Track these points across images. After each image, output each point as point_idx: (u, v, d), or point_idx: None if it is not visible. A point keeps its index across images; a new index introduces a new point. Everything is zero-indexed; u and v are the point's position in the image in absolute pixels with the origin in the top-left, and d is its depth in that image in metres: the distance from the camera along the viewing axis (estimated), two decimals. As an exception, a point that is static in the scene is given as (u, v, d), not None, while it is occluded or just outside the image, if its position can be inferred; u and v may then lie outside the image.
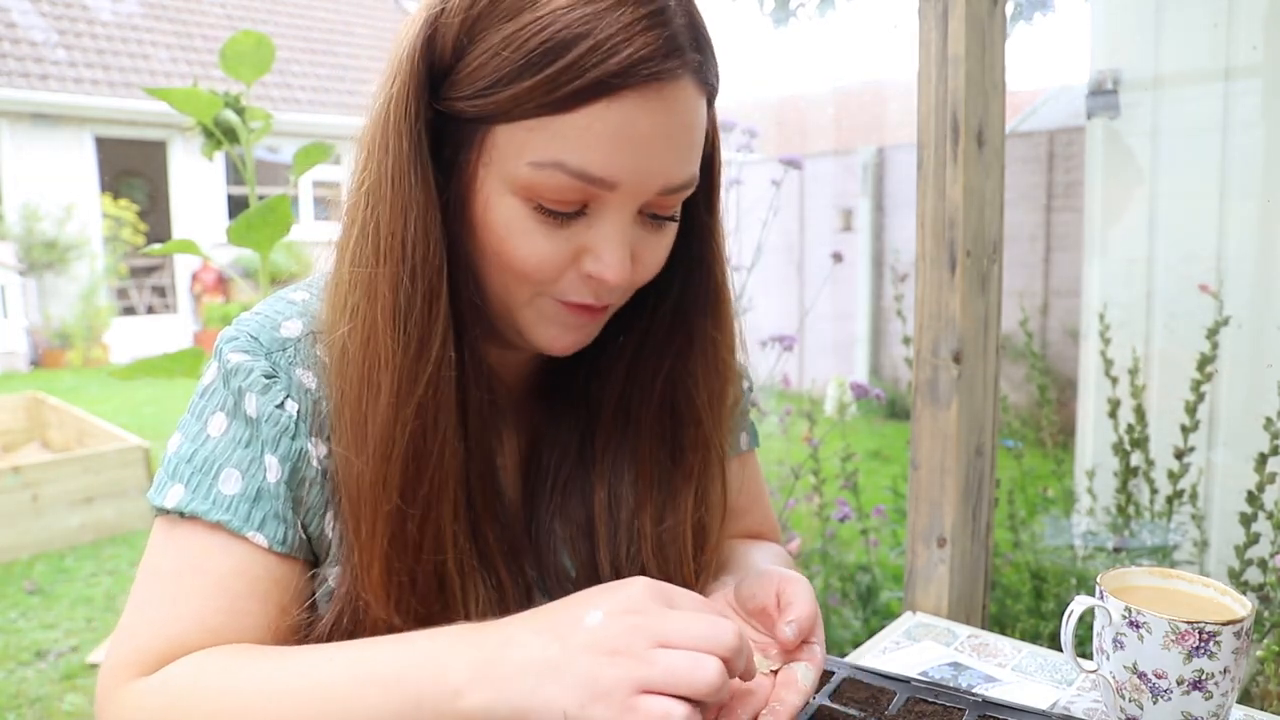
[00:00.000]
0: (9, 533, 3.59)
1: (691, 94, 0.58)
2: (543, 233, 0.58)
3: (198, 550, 0.60)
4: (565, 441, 0.73)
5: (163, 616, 0.59)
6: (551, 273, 0.60)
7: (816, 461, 2.09)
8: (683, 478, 0.72)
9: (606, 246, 0.59)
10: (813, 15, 3.44)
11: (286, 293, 0.69)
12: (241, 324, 0.64)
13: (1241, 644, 0.67)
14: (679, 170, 0.59)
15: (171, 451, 0.62)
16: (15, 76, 8.47)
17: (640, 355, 0.70)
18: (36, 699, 2.56)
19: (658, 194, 0.59)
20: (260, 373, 0.61)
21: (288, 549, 0.61)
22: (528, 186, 0.57)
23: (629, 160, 0.56)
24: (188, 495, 0.60)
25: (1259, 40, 1.85)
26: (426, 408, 0.60)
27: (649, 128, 0.56)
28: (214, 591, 0.59)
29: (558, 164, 0.55)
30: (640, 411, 0.71)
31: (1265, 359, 1.74)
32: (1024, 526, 1.96)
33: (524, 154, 0.56)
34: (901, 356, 4.05)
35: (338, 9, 11.62)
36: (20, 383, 7.09)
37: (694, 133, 0.59)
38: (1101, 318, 1.80)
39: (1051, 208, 5.03)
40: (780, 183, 2.09)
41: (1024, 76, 5.44)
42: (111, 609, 3.16)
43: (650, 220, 0.61)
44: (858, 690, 0.74)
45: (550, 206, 0.57)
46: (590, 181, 0.56)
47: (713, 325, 0.71)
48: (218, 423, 0.62)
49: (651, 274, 0.64)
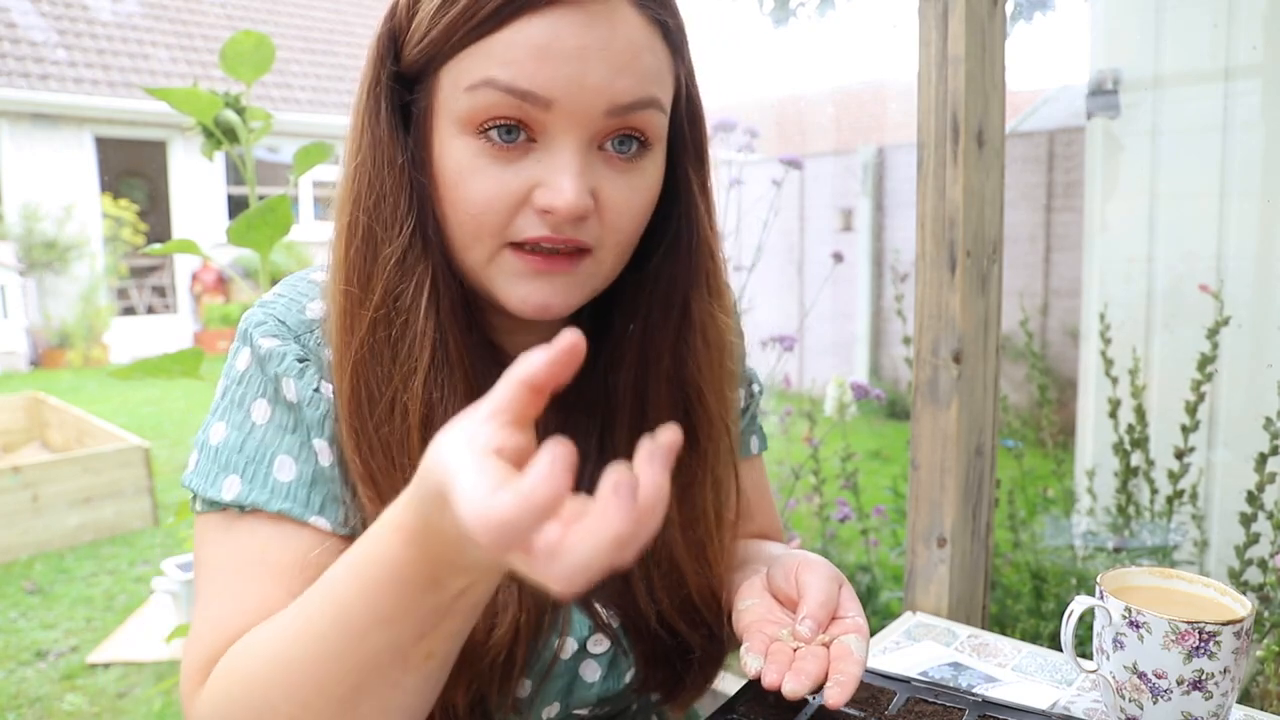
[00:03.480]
0: (9, 533, 3.59)
1: (626, 13, 0.57)
2: (493, 170, 0.58)
3: (260, 542, 0.60)
4: (584, 441, 0.72)
5: (228, 614, 0.58)
6: (504, 211, 0.59)
7: (816, 461, 2.09)
8: (698, 460, 0.72)
9: (555, 173, 0.58)
10: (812, 15, 3.44)
11: (307, 273, 0.69)
12: (266, 307, 0.64)
13: (1241, 644, 0.67)
14: (620, 86, 0.57)
15: (218, 440, 0.62)
16: (15, 76, 8.47)
17: (647, 337, 0.70)
18: (36, 699, 2.56)
19: (605, 115, 0.58)
20: (294, 356, 0.62)
21: (350, 530, 0.61)
22: (468, 115, 0.57)
23: (558, 72, 0.56)
24: (245, 487, 0.60)
25: (1259, 40, 1.85)
26: (376, 348, 0.60)
27: (573, 38, 0.55)
28: (279, 583, 0.59)
29: (488, 81, 0.56)
30: (654, 395, 0.70)
31: (1265, 359, 1.74)
32: (1024, 526, 1.96)
33: (460, 83, 0.57)
34: (901, 356, 4.05)
35: (338, 9, 11.62)
36: (20, 383, 7.09)
37: (635, 51, 0.58)
38: (1101, 318, 1.80)
39: (1051, 208, 5.03)
40: (780, 183, 2.09)
41: (1024, 76, 5.43)
42: (111, 609, 3.16)
43: (616, 157, 0.60)
44: (858, 690, 0.74)
45: (494, 136, 0.57)
46: (522, 96, 0.56)
47: (708, 297, 0.70)
48: (261, 409, 0.62)
49: (627, 221, 0.62)
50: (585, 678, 0.70)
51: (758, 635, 0.65)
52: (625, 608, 0.70)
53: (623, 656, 0.71)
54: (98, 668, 2.73)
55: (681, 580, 0.71)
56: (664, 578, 0.70)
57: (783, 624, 0.67)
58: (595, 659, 0.70)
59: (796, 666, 0.61)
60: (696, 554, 0.71)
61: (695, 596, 0.71)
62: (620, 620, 0.70)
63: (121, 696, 2.57)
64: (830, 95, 6.79)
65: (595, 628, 0.69)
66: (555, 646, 0.67)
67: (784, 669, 0.61)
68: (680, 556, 0.70)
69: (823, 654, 0.62)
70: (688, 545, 0.70)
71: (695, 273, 0.69)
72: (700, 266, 0.70)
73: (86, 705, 2.52)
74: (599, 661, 0.70)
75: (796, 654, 0.62)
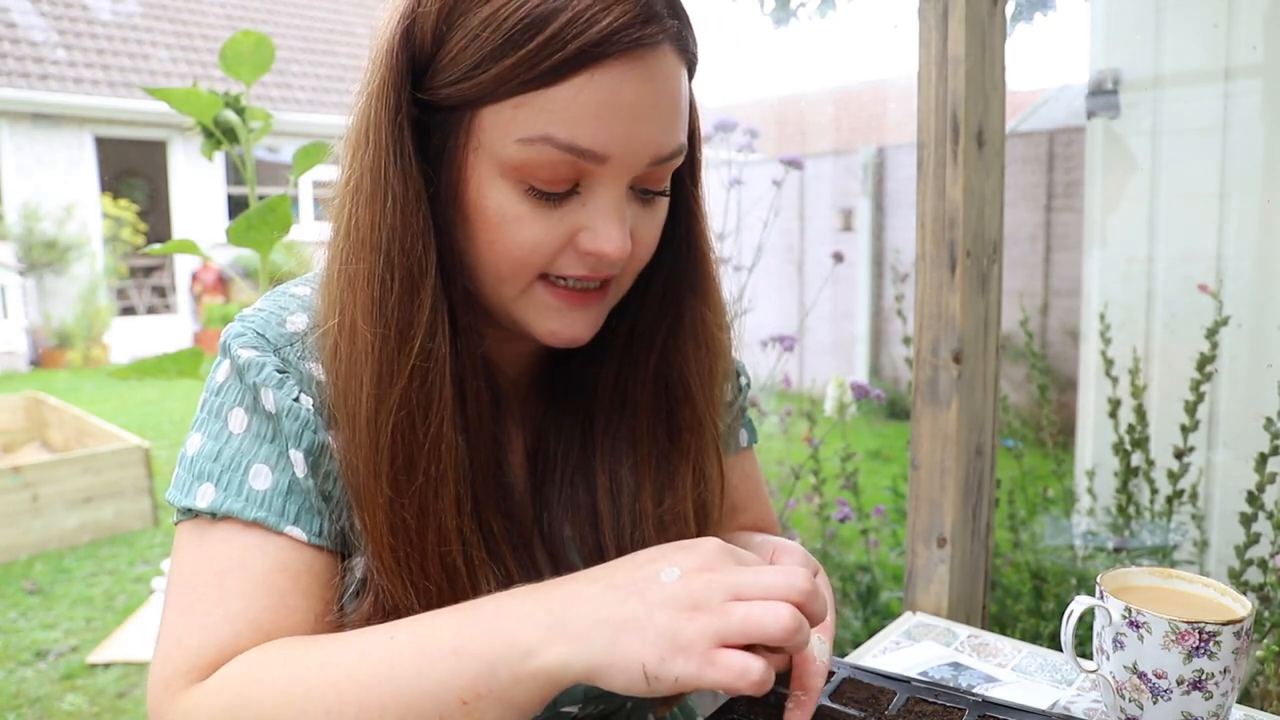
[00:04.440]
0: (9, 533, 3.59)
1: (672, 61, 0.58)
2: (536, 215, 0.58)
3: (237, 550, 0.59)
4: (569, 432, 0.73)
5: (212, 620, 0.57)
6: (547, 256, 0.59)
7: (816, 461, 2.09)
8: (680, 457, 0.72)
9: (602, 220, 0.58)
10: (813, 15, 3.44)
11: (288, 287, 0.68)
12: (246, 320, 0.64)
13: (1241, 644, 0.67)
14: (667, 139, 0.59)
15: (194, 451, 0.61)
16: (15, 76, 8.47)
17: (633, 336, 0.70)
18: (36, 699, 2.56)
19: (649, 165, 0.59)
20: (272, 367, 0.61)
21: (324, 540, 0.61)
22: (518, 166, 0.57)
23: (617, 130, 0.56)
24: (220, 495, 0.59)
25: (1259, 40, 1.85)
26: (411, 398, 0.59)
27: (634, 96, 0.56)
28: (259, 590, 0.58)
29: (546, 138, 0.55)
30: (636, 393, 0.71)
31: (1265, 359, 1.74)
32: (1024, 526, 1.96)
33: (511, 132, 0.56)
34: (901, 356, 4.05)
35: (338, 9, 11.62)
36: (20, 383, 7.09)
37: (678, 101, 0.59)
38: (1101, 317, 1.80)
39: (1051, 208, 5.03)
40: (780, 183, 2.09)
41: (1024, 76, 5.44)
42: (111, 609, 3.16)
43: (642, 196, 0.61)
44: (858, 690, 0.74)
45: (542, 187, 0.57)
46: (580, 154, 0.56)
47: (701, 301, 0.71)
48: (238, 419, 0.61)
49: (648, 253, 0.64)
50: None
51: None
52: None
53: None
54: (98, 668, 2.73)
55: None
56: None
57: None
58: None
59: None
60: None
61: None
62: None
63: (121, 696, 2.57)
64: (830, 95, 6.79)
65: None
66: None
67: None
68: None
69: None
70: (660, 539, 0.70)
71: (690, 278, 0.70)
72: (693, 268, 0.70)
73: (86, 705, 2.52)
74: None
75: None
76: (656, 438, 0.72)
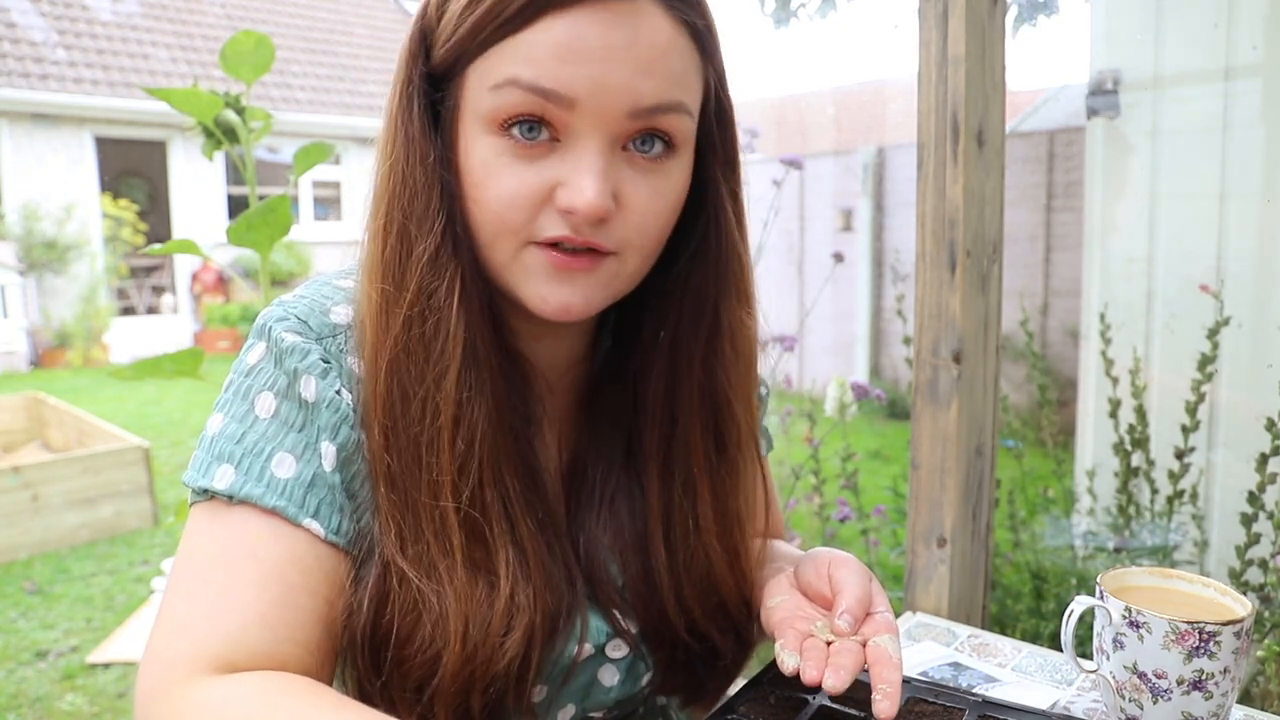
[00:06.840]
0: (9, 533, 3.59)
1: (652, 13, 0.57)
2: (515, 169, 0.58)
3: (250, 537, 0.57)
4: (610, 452, 0.72)
5: (220, 609, 0.55)
6: (526, 208, 0.59)
7: (817, 461, 2.09)
8: (728, 470, 0.71)
9: (576, 173, 0.57)
10: (813, 16, 3.45)
11: (332, 277, 0.67)
12: (288, 305, 0.63)
13: (1241, 644, 0.67)
14: (645, 88, 0.57)
15: (215, 431, 0.60)
16: (15, 76, 8.47)
17: (677, 345, 0.69)
18: (36, 699, 2.56)
19: (628, 116, 0.57)
20: (318, 355, 0.60)
21: (341, 539, 0.60)
22: (492, 113, 0.57)
23: (580, 70, 0.55)
24: (239, 478, 0.58)
25: (1259, 40, 1.85)
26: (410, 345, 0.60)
27: (597, 38, 0.55)
28: (269, 580, 0.56)
29: (512, 80, 0.56)
30: (684, 404, 0.69)
31: (1265, 359, 1.74)
32: (1024, 526, 1.96)
33: (486, 82, 0.57)
34: (901, 356, 4.05)
35: (338, 9, 11.62)
36: (20, 383, 7.09)
37: (660, 53, 0.57)
38: (1102, 318, 1.80)
39: (1051, 208, 5.03)
40: (781, 183, 2.09)
41: (1024, 76, 5.44)
42: (111, 609, 3.16)
43: (639, 157, 0.60)
44: (858, 690, 0.74)
45: (517, 134, 0.57)
46: (545, 95, 0.56)
47: (738, 305, 0.69)
48: (265, 403, 0.60)
49: (648, 222, 0.61)
50: (603, 682, 0.70)
51: (790, 632, 0.65)
52: (649, 617, 0.70)
53: (641, 661, 0.71)
54: (97, 668, 2.74)
55: (714, 588, 0.71)
56: (696, 587, 0.70)
57: (812, 619, 0.67)
58: (614, 664, 0.70)
59: (834, 662, 0.61)
60: (731, 561, 0.71)
61: (728, 602, 0.72)
62: (640, 626, 0.70)
63: (121, 696, 2.57)
64: (830, 95, 6.79)
65: (614, 633, 0.69)
66: (573, 652, 0.66)
67: (821, 665, 0.61)
68: (716, 565, 0.70)
69: (856, 649, 0.62)
70: (724, 552, 0.71)
71: (724, 279, 0.68)
72: (729, 272, 0.68)
73: (86, 705, 2.52)
74: (617, 666, 0.70)
75: (831, 649, 0.63)
76: (707, 452, 0.70)
